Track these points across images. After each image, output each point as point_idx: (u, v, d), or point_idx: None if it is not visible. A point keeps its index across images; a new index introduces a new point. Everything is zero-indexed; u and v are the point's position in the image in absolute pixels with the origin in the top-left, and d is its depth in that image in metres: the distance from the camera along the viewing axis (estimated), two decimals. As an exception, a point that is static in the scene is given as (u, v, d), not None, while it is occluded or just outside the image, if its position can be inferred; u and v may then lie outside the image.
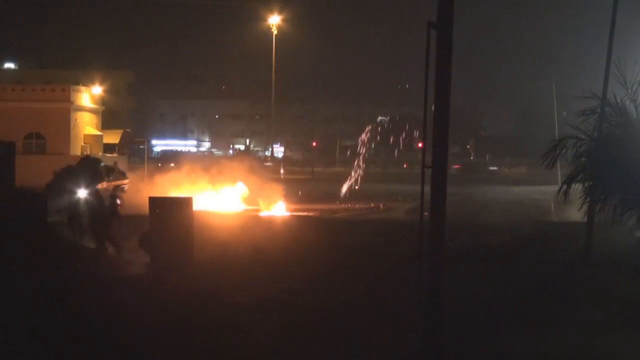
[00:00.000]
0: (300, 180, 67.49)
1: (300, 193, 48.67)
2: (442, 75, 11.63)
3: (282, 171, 74.78)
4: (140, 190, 38.44)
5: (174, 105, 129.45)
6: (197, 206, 25.29)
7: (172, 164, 59.25)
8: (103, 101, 70.60)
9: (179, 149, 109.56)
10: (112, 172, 39.77)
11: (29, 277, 18.35)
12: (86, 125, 65.20)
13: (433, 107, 11.78)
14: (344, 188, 52.06)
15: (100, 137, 65.95)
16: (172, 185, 41.04)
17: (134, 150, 77.26)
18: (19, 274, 18.57)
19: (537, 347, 13.39)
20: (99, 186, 32.57)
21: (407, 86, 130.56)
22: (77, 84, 67.63)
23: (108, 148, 66.49)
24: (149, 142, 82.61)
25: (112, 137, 67.72)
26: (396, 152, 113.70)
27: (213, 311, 16.00)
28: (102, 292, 17.58)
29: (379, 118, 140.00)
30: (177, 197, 30.11)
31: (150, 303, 16.64)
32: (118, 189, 36.35)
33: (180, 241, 21.26)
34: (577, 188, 16.56)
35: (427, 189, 11.77)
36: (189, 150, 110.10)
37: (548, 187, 48.03)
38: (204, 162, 47.56)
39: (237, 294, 17.69)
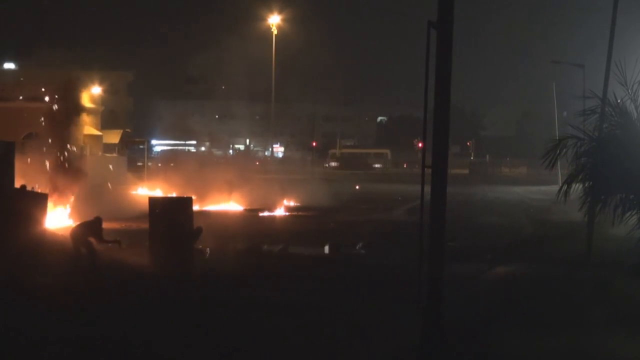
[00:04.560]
0: (300, 180, 67.41)
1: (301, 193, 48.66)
2: (442, 75, 11.63)
3: None
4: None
5: (174, 106, 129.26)
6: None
7: (171, 164, 59.41)
8: (102, 101, 70.52)
9: (178, 149, 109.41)
10: None
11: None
12: (86, 125, 65.10)
13: (433, 107, 11.77)
14: None
15: (100, 137, 65.89)
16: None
17: (134, 151, 77.20)
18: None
19: (537, 347, 13.37)
20: None
21: (407, 86, 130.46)
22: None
23: (108, 148, 66.44)
24: (148, 142, 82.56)
25: (112, 137, 67.65)
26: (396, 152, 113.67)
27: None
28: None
29: (379, 118, 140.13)
30: (177, 197, 30.12)
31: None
32: None
33: (180, 242, 21.19)
34: (577, 188, 16.55)
35: (427, 189, 11.76)
36: (188, 150, 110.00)
37: (548, 187, 48.05)
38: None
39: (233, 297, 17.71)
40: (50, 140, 34.04)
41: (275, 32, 76.10)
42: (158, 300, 17.03)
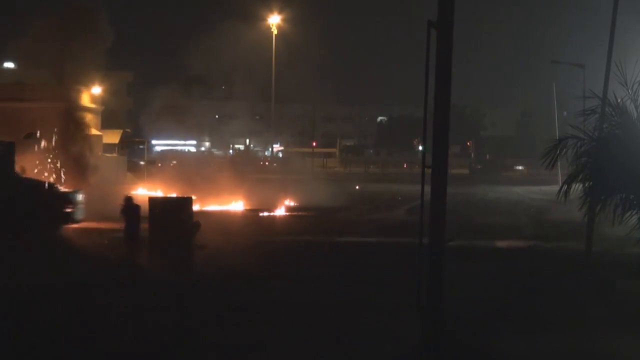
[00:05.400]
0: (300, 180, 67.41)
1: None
2: (442, 75, 11.63)
3: None
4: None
5: (174, 106, 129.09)
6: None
7: (172, 163, 59.52)
8: (102, 101, 70.50)
9: (178, 149, 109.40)
10: None
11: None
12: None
13: (433, 107, 11.77)
14: None
15: (100, 137, 65.91)
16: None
17: (134, 151, 77.27)
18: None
19: (537, 347, 13.36)
20: None
21: (407, 86, 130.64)
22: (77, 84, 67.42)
23: (108, 148, 66.49)
24: (148, 142, 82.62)
25: (112, 137, 67.71)
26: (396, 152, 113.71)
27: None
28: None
29: (379, 118, 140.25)
30: (177, 197, 30.12)
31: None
32: None
33: (180, 242, 21.24)
34: (577, 188, 16.54)
35: (427, 189, 11.76)
36: (188, 150, 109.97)
37: (548, 187, 48.08)
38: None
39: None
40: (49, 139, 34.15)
41: (275, 32, 76.08)
42: (157, 299, 17.03)
